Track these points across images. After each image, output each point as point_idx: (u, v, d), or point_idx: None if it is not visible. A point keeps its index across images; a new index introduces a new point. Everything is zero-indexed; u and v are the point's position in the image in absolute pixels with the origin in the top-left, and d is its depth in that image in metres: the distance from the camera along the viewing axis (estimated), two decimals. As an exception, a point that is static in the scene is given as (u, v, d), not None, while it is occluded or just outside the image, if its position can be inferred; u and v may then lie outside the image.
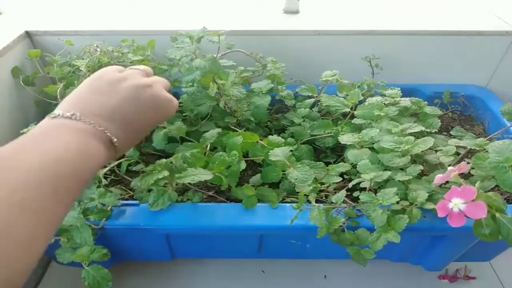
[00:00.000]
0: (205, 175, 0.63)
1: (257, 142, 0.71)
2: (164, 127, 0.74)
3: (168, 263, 0.82)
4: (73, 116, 0.35)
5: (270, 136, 0.73)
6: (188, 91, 0.81)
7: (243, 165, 0.69)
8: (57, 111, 0.36)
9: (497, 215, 0.49)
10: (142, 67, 0.46)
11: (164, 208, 0.65)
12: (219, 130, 0.75)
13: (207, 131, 0.75)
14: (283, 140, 0.73)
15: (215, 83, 0.77)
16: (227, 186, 0.67)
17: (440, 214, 0.50)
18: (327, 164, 0.74)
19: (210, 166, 0.67)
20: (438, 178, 0.55)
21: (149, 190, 0.69)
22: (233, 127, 0.82)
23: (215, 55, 0.77)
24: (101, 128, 0.36)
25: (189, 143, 0.75)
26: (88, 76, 0.85)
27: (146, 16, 1.05)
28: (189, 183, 0.64)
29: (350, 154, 0.70)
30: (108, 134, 0.36)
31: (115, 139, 0.37)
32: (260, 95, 0.83)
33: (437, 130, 0.79)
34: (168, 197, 0.65)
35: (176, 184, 0.73)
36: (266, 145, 0.70)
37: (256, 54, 0.89)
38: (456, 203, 0.49)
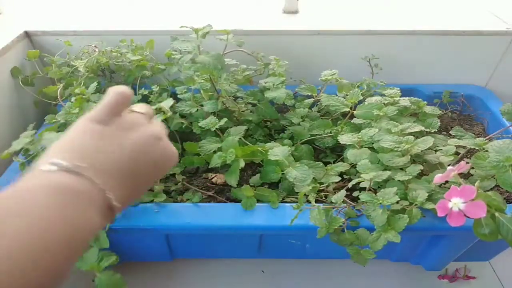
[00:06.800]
0: None
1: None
2: None
3: (168, 263, 0.82)
4: (78, 169, 0.28)
5: (267, 144, 0.73)
6: (184, 97, 0.82)
7: (242, 163, 0.68)
8: (55, 159, 0.28)
9: (497, 214, 0.49)
10: (143, 108, 0.37)
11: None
12: (245, 127, 0.75)
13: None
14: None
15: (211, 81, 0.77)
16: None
17: (440, 214, 0.50)
18: (326, 164, 0.74)
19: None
20: (438, 177, 0.55)
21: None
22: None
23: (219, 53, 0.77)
24: (106, 190, 0.29)
25: (214, 137, 0.76)
26: (87, 76, 0.86)
27: (145, 16, 1.05)
28: (189, 183, 0.64)
29: (349, 154, 0.70)
30: (111, 198, 0.29)
31: (118, 205, 0.30)
32: (272, 89, 0.82)
33: (436, 130, 0.79)
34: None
35: (176, 184, 0.73)
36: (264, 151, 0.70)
37: (257, 53, 0.89)
38: (455, 203, 0.49)
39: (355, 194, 0.66)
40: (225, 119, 0.74)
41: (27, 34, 0.95)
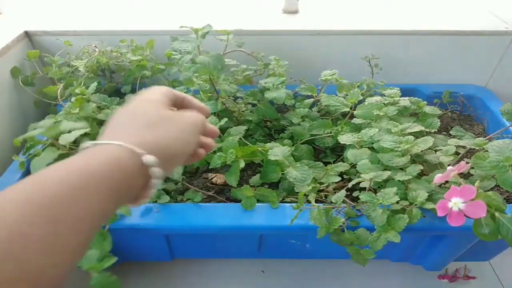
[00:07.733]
0: None
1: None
2: None
3: (168, 263, 0.82)
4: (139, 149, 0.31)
5: (267, 144, 0.73)
6: None
7: (242, 164, 0.68)
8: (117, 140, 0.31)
9: (497, 214, 0.49)
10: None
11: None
12: (245, 127, 0.75)
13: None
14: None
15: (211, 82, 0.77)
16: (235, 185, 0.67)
17: (440, 213, 0.50)
18: (326, 164, 0.74)
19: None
20: (438, 177, 0.55)
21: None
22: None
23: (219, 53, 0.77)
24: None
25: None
26: (87, 76, 0.86)
27: (145, 16, 1.05)
28: (189, 183, 0.64)
29: (349, 154, 0.70)
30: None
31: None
32: (272, 89, 0.82)
33: (436, 130, 0.79)
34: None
35: (176, 184, 0.74)
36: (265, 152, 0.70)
37: (257, 53, 0.89)
38: (455, 202, 0.49)
39: (355, 194, 0.66)
40: (225, 119, 0.74)
41: (27, 34, 0.95)
